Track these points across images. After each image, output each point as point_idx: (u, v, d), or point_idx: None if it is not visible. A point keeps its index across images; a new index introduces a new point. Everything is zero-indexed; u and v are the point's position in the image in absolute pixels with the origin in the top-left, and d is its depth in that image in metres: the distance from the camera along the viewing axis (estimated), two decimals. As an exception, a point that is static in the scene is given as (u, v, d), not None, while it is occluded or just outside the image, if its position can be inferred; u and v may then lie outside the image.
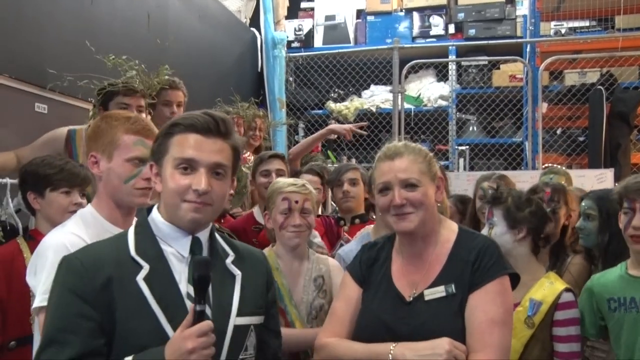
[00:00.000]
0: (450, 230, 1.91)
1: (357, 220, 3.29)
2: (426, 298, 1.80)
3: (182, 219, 1.54)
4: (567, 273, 2.73)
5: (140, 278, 1.48)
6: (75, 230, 1.81)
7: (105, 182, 1.89)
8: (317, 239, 2.78)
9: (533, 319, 2.25)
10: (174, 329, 1.43)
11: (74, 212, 2.09)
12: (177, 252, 1.55)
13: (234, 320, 1.55)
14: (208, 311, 1.48)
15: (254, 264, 1.70)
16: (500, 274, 1.77)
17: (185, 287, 1.52)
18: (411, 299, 1.82)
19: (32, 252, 2.30)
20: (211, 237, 1.63)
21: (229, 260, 1.63)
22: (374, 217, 3.09)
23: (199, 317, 1.40)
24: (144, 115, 3.17)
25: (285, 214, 2.38)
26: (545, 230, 2.43)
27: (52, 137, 3.16)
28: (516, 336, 2.19)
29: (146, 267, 1.49)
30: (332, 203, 4.64)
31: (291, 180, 2.57)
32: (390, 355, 1.69)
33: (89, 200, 2.18)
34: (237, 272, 1.62)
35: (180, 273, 1.53)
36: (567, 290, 2.30)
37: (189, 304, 1.49)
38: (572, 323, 2.27)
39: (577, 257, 2.83)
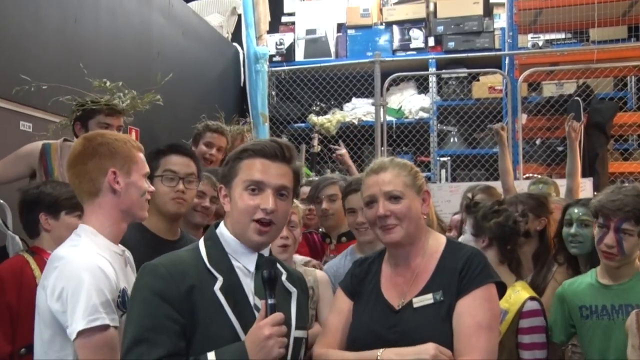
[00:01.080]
0: (438, 241, 1.96)
1: (343, 239, 3.20)
2: (414, 306, 1.84)
3: (250, 239, 1.67)
4: (554, 282, 2.74)
5: (217, 288, 1.59)
6: (98, 251, 1.84)
7: (123, 196, 1.94)
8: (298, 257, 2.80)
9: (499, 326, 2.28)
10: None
11: None
12: (243, 266, 1.67)
13: (294, 332, 1.67)
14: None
15: (300, 283, 1.84)
16: (487, 281, 1.82)
17: (252, 299, 1.64)
18: (399, 307, 1.86)
19: (38, 265, 2.39)
20: (270, 255, 1.75)
21: (283, 278, 1.75)
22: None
23: (272, 309, 1.53)
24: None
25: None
26: (511, 242, 2.45)
27: (25, 151, 3.14)
28: None
29: (220, 279, 1.61)
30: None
31: None
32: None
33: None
34: (293, 289, 1.75)
35: (247, 286, 1.66)
36: (531, 298, 2.33)
37: (257, 315, 1.59)
38: (535, 331, 2.31)
39: (562, 267, 2.84)
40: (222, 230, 1.71)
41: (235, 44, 7.07)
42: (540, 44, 6.65)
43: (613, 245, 2.27)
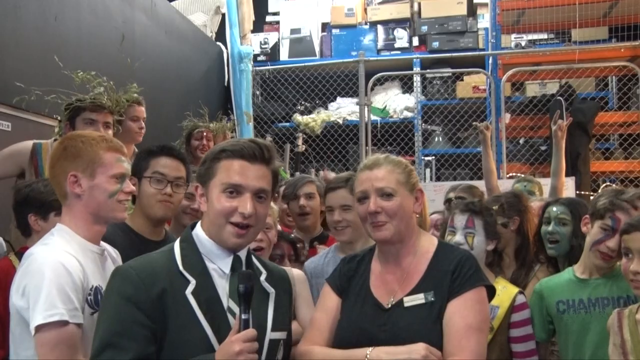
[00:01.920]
0: (429, 242, 1.94)
1: (315, 243, 3.17)
2: (405, 305, 1.82)
3: (226, 241, 1.63)
4: (535, 280, 2.72)
5: (188, 292, 1.56)
6: (66, 248, 1.83)
7: (87, 199, 1.90)
8: None
9: (492, 323, 2.28)
10: (219, 341, 1.53)
11: None
12: (219, 268, 1.64)
13: (269, 335, 1.64)
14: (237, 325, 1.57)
15: (282, 282, 1.80)
16: (478, 284, 1.81)
17: (226, 302, 1.61)
18: (389, 305, 1.84)
19: None
20: (248, 255, 1.71)
21: (262, 278, 1.72)
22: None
23: (245, 325, 1.51)
24: (110, 131, 3.16)
25: None
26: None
27: (15, 150, 3.12)
28: None
29: (193, 282, 1.57)
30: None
31: None
32: (366, 358, 1.72)
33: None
34: (272, 290, 1.72)
35: (222, 288, 1.62)
36: (520, 293, 2.40)
37: (230, 318, 1.58)
38: (527, 323, 2.37)
39: (544, 266, 2.84)
40: (198, 231, 1.68)
41: (219, 43, 7.08)
42: (523, 44, 6.72)
43: (616, 249, 2.26)
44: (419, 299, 1.82)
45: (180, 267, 1.59)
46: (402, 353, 1.69)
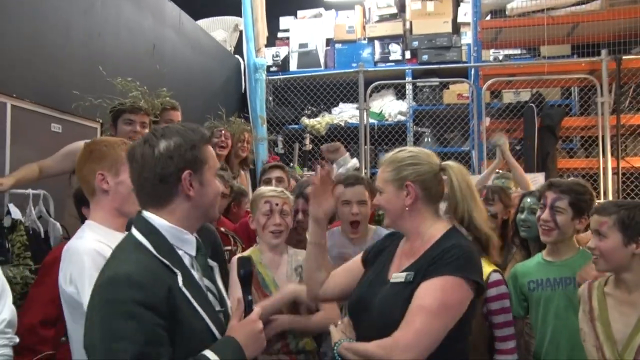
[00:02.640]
0: (440, 229, 1.78)
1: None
2: (391, 281, 1.75)
3: (214, 216, 1.58)
4: (514, 261, 2.79)
5: (181, 284, 1.39)
6: (97, 238, 1.81)
7: (113, 194, 1.90)
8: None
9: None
10: (213, 323, 1.43)
11: None
12: (185, 252, 1.48)
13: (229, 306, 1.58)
14: (215, 302, 1.51)
15: (215, 251, 1.74)
16: (450, 273, 1.62)
17: (202, 283, 1.49)
18: (388, 280, 1.79)
19: None
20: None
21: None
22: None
23: (249, 305, 1.46)
24: (146, 130, 3.16)
25: (267, 215, 2.40)
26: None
27: (71, 149, 3.12)
28: None
29: (179, 273, 1.41)
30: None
31: (271, 187, 2.63)
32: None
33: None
34: (214, 263, 1.61)
35: (195, 271, 1.50)
36: (494, 271, 2.33)
37: (211, 297, 1.49)
38: (502, 297, 2.31)
39: (518, 249, 2.87)
40: (158, 221, 1.46)
41: (237, 56, 7.11)
42: (501, 58, 6.76)
43: (548, 219, 2.36)
44: (400, 277, 1.72)
45: (165, 261, 1.41)
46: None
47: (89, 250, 1.75)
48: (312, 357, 2.33)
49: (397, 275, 1.74)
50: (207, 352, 1.36)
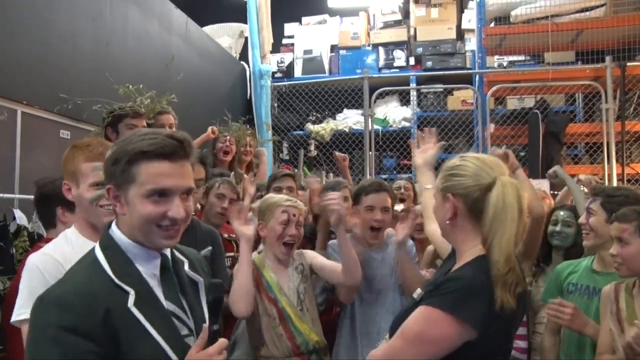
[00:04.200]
0: (474, 253, 1.55)
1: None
2: (414, 295, 1.67)
3: (155, 243, 1.33)
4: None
5: (131, 304, 1.24)
6: (47, 250, 1.69)
7: (78, 206, 1.79)
8: None
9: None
10: (172, 348, 1.27)
11: None
12: (149, 271, 1.33)
13: (211, 327, 1.37)
14: (188, 320, 1.37)
15: (200, 264, 1.52)
16: (438, 306, 1.45)
17: (166, 306, 1.33)
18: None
19: None
20: (171, 249, 1.42)
21: (186, 267, 1.44)
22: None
23: (213, 336, 1.29)
24: None
25: (284, 224, 2.35)
26: None
27: None
28: None
29: (132, 292, 1.26)
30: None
31: (285, 196, 2.57)
32: None
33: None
34: (199, 279, 1.44)
35: (158, 291, 1.33)
36: None
37: (175, 321, 1.33)
38: None
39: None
40: (118, 235, 1.33)
41: (242, 62, 7.15)
42: (505, 64, 6.80)
43: (584, 222, 2.34)
44: (417, 293, 1.65)
45: (115, 279, 1.26)
46: None
47: (30, 265, 1.64)
48: (324, 354, 2.34)
49: (416, 293, 1.66)
50: None
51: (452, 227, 1.59)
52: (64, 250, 1.68)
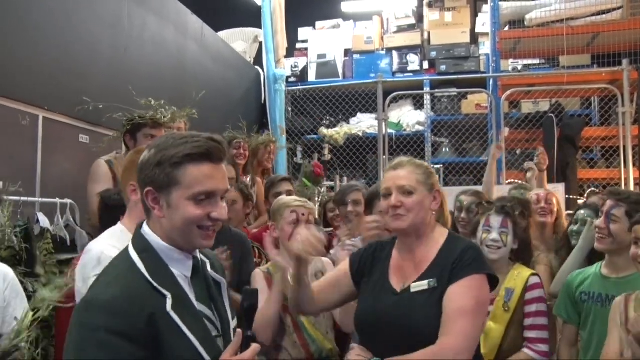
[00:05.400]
0: (440, 234, 1.89)
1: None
2: (412, 290, 1.78)
3: (194, 244, 1.37)
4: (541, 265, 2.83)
5: (169, 308, 1.27)
6: (112, 242, 1.83)
7: (140, 206, 1.87)
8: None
9: (509, 304, 2.31)
10: (205, 350, 1.30)
11: None
12: (181, 273, 1.36)
13: (233, 324, 1.45)
14: (216, 321, 1.40)
15: (220, 266, 1.55)
16: (476, 272, 1.73)
17: (198, 307, 1.36)
18: (399, 290, 1.81)
19: None
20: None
21: (208, 268, 1.46)
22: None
23: (247, 342, 1.30)
24: None
25: (293, 224, 2.40)
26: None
27: (102, 172, 3.14)
28: (497, 321, 2.31)
29: (169, 296, 1.29)
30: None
31: (295, 197, 2.66)
32: None
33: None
34: (222, 280, 1.47)
35: (190, 293, 1.37)
36: (532, 275, 2.38)
37: (206, 322, 1.37)
38: (539, 301, 2.33)
39: (542, 255, 2.86)
40: (152, 238, 1.36)
41: (257, 67, 7.19)
42: (519, 68, 6.75)
43: (602, 226, 2.32)
44: (423, 285, 1.77)
45: (154, 283, 1.29)
46: None
47: (97, 253, 1.78)
48: None
49: (417, 285, 1.78)
50: None
51: (430, 217, 1.88)
52: (121, 243, 1.74)
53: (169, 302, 1.28)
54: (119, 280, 1.29)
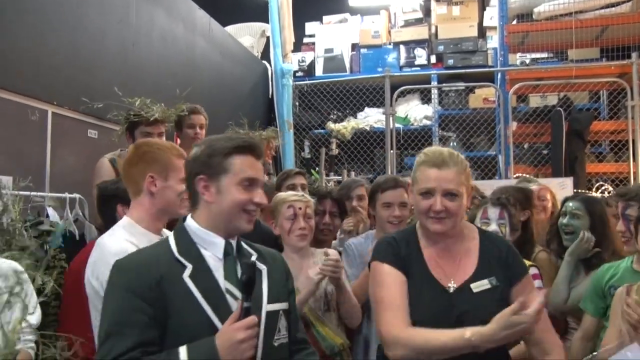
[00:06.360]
0: (470, 229, 1.89)
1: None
2: (474, 290, 1.75)
3: (238, 227, 1.57)
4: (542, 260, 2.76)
5: (186, 276, 1.47)
6: (129, 238, 1.85)
7: (159, 197, 1.94)
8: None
9: None
10: (221, 320, 1.45)
11: None
12: (212, 254, 1.55)
13: (266, 307, 1.56)
14: (234, 305, 1.51)
15: (274, 260, 1.70)
16: (526, 271, 1.84)
17: (223, 284, 1.52)
18: (451, 289, 1.76)
19: None
20: (238, 241, 1.63)
21: (253, 258, 1.62)
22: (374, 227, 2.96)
23: (246, 312, 1.42)
24: (164, 139, 3.18)
25: (292, 219, 2.41)
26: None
27: (105, 169, 3.19)
28: None
29: (189, 267, 1.49)
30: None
31: (292, 192, 2.65)
32: (466, 338, 1.57)
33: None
34: (263, 267, 1.63)
35: (217, 271, 1.53)
36: (531, 266, 2.35)
37: (229, 299, 1.50)
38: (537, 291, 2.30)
39: (543, 252, 2.81)
40: (189, 223, 1.58)
41: (264, 61, 7.18)
42: (527, 61, 6.70)
43: (623, 229, 2.29)
44: (484, 284, 1.75)
45: (176, 254, 1.51)
46: (502, 328, 1.54)
47: (118, 250, 1.76)
48: (347, 356, 2.37)
49: (478, 284, 1.76)
50: (181, 349, 1.40)
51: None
52: (136, 238, 1.87)
53: (188, 271, 1.48)
54: (145, 250, 1.57)
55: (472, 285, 1.75)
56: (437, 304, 1.74)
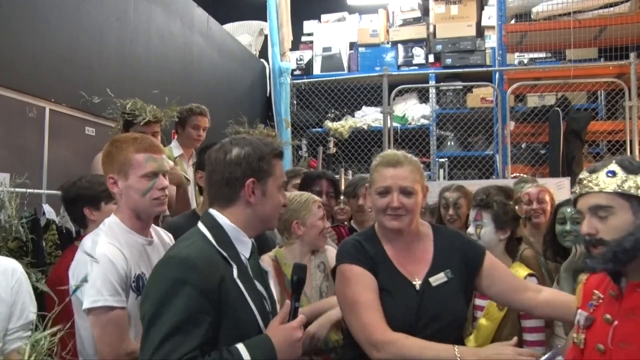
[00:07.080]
0: (425, 227, 1.98)
1: None
2: (433, 285, 1.83)
3: (271, 228, 1.73)
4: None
5: (236, 276, 1.49)
6: (112, 241, 1.81)
7: (125, 198, 1.87)
8: None
9: None
10: (262, 319, 1.50)
11: None
12: (241, 253, 1.57)
13: (278, 307, 1.64)
14: (268, 300, 1.59)
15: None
16: (483, 249, 1.97)
17: (256, 284, 1.58)
18: (417, 285, 1.83)
19: None
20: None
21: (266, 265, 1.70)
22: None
23: (295, 312, 1.48)
24: (159, 138, 3.22)
25: (322, 219, 2.42)
26: (517, 232, 2.51)
27: (97, 163, 3.09)
28: (490, 319, 2.30)
29: (235, 267, 1.51)
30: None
31: (307, 192, 2.60)
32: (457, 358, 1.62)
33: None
34: (268, 268, 1.68)
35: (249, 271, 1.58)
36: (530, 275, 2.32)
37: (262, 299, 1.58)
38: None
39: (528, 249, 2.73)
40: (223, 220, 1.57)
41: (262, 60, 7.19)
42: (526, 61, 6.72)
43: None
44: (441, 278, 1.84)
45: (223, 253, 1.51)
46: (491, 355, 1.60)
47: (100, 255, 1.75)
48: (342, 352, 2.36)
49: (436, 278, 1.85)
50: (240, 347, 1.41)
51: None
52: (118, 239, 1.82)
53: (236, 271, 1.49)
54: (196, 245, 1.50)
55: (431, 279, 1.84)
56: (409, 300, 1.80)
